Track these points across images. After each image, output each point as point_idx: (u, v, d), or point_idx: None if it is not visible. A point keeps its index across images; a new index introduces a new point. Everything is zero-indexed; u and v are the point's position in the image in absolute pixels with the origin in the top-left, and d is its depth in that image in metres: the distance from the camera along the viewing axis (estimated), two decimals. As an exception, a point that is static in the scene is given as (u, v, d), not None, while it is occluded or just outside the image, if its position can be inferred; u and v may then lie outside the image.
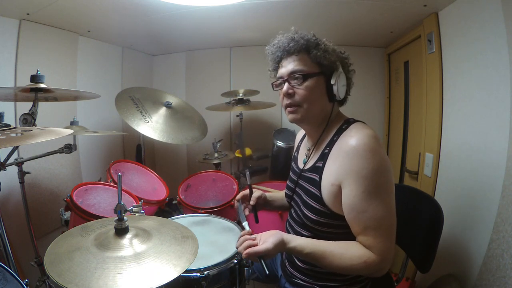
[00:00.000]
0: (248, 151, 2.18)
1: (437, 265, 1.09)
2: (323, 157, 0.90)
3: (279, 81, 0.94)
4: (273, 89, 0.97)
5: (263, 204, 1.16)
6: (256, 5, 1.61)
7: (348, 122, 0.92)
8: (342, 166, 0.82)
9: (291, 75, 0.90)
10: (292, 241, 0.84)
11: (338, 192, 0.83)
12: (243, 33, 2.23)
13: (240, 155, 2.16)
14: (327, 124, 0.95)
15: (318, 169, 0.90)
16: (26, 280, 0.77)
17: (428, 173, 1.59)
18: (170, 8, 1.62)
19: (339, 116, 0.98)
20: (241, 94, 2.19)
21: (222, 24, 1.96)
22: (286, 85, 0.91)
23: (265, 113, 2.56)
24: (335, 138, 0.90)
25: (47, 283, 1.36)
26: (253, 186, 1.16)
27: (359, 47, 2.35)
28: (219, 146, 2.22)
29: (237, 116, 2.34)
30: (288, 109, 0.93)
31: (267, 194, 1.20)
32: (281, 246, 0.82)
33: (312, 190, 0.90)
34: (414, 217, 1.19)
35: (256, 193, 1.12)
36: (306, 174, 0.96)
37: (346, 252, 0.81)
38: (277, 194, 1.25)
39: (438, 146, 1.51)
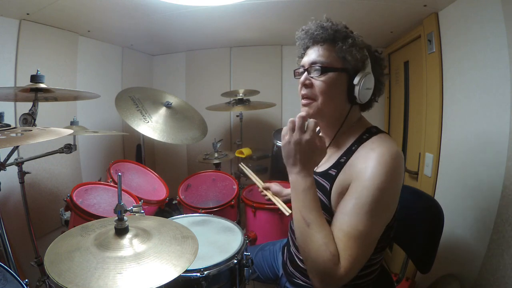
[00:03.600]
0: (248, 151, 2.18)
1: (437, 265, 1.09)
2: (338, 166, 0.84)
3: (300, 70, 0.89)
4: (294, 76, 0.91)
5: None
6: (256, 5, 1.61)
7: (370, 132, 0.86)
8: (351, 174, 0.78)
9: (312, 65, 0.84)
10: (307, 178, 0.77)
11: None
12: (243, 33, 2.23)
13: (241, 155, 2.16)
14: (341, 125, 0.88)
15: (330, 177, 0.85)
16: (26, 280, 0.77)
17: (428, 173, 1.59)
18: (170, 8, 1.62)
19: (361, 123, 0.91)
20: (241, 94, 2.19)
21: (222, 24, 1.96)
22: (304, 75, 0.86)
23: (265, 113, 2.56)
24: (353, 148, 0.83)
25: (47, 283, 1.36)
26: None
27: (359, 47, 2.35)
28: (219, 146, 2.22)
29: (237, 116, 2.34)
30: (303, 101, 0.87)
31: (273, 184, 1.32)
32: (297, 168, 0.78)
33: (321, 198, 0.85)
34: (414, 217, 1.19)
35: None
36: (316, 178, 0.89)
37: (329, 231, 0.73)
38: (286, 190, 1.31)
39: (438, 146, 1.51)
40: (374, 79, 0.86)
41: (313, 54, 0.85)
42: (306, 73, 0.86)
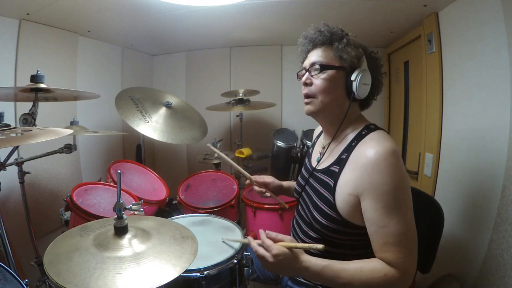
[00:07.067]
0: (248, 151, 2.18)
1: (437, 265, 1.09)
2: (340, 162, 0.88)
3: (302, 72, 0.96)
4: (297, 79, 0.97)
5: (280, 191, 1.23)
6: (256, 5, 1.61)
7: (369, 129, 0.90)
8: (361, 179, 0.79)
9: (312, 65, 0.91)
10: (306, 261, 0.80)
11: (356, 203, 0.81)
12: (243, 33, 2.23)
13: (241, 155, 2.16)
14: (343, 121, 0.91)
15: (333, 174, 0.88)
16: (26, 280, 0.77)
17: (428, 173, 1.59)
18: (170, 8, 1.62)
19: (360, 120, 0.95)
20: (241, 94, 2.19)
21: (222, 24, 1.96)
22: (306, 75, 0.93)
23: (265, 113, 2.56)
24: (353, 144, 0.87)
25: (47, 283, 1.36)
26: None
27: (359, 47, 2.35)
28: (219, 146, 2.22)
29: (237, 116, 2.34)
30: (305, 100, 0.94)
31: (283, 182, 1.24)
32: (295, 270, 0.81)
33: (325, 194, 0.88)
34: (414, 217, 1.19)
35: (267, 178, 1.20)
36: (318, 175, 0.94)
37: (365, 265, 0.78)
38: (293, 183, 1.26)
39: (438, 146, 1.51)
40: (372, 77, 0.91)
41: (313, 56, 0.92)
42: (307, 73, 0.93)
